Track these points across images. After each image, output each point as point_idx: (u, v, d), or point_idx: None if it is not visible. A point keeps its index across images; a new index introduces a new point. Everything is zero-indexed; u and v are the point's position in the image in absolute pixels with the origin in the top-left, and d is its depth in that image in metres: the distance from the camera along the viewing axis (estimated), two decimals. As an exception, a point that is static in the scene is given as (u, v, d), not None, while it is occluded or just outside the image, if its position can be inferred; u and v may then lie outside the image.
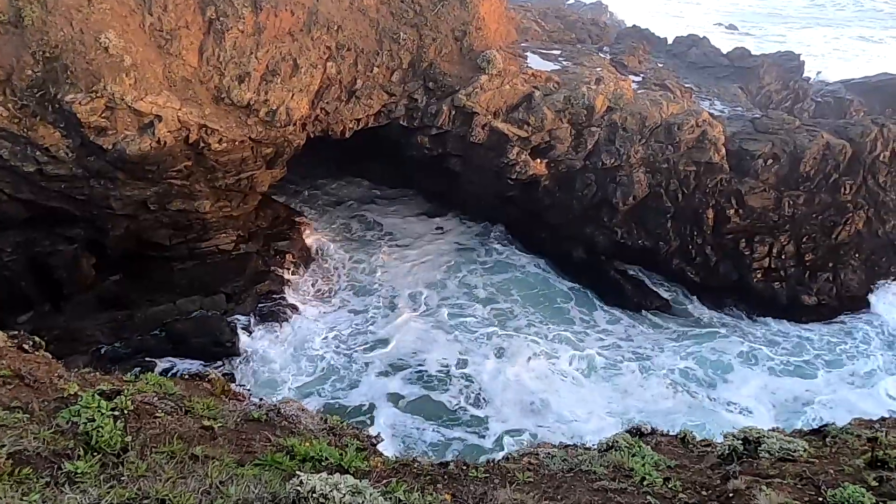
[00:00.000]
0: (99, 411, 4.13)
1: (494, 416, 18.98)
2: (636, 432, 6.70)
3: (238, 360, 20.37)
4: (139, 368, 18.86)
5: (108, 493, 2.83)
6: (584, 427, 18.37)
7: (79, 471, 3.12)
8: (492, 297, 24.14)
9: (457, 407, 19.31)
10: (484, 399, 19.52)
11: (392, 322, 22.52)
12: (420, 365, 20.83)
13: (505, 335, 22.08)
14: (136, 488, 2.95)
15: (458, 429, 18.50)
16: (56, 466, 3.18)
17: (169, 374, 18.92)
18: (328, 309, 23.12)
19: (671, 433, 6.91)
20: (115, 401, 4.67)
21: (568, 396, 19.76)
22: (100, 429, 3.65)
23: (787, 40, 58.38)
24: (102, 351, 19.45)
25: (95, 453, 3.43)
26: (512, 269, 25.80)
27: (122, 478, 3.14)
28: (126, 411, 4.58)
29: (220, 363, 20.21)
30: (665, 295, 25.07)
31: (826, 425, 6.00)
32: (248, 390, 8.77)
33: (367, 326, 22.43)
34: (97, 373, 5.87)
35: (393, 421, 18.48)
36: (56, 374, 5.30)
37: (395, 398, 19.59)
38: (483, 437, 18.29)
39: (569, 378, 20.60)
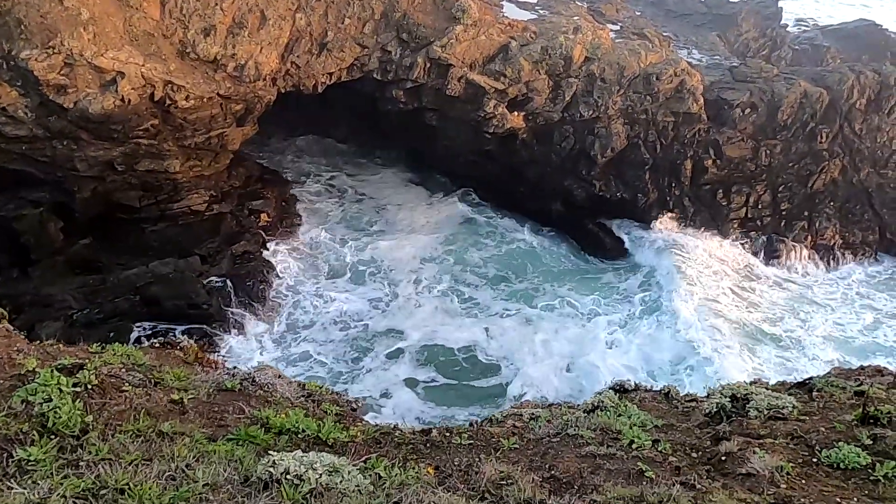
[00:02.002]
0: (58, 389, 3.88)
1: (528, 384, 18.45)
2: (620, 388, 6.63)
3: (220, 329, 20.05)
4: (113, 333, 18.62)
5: (62, 483, 2.61)
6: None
7: (32, 458, 2.89)
8: (497, 270, 23.57)
9: (486, 384, 18.79)
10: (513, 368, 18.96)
11: (395, 303, 21.66)
12: (437, 345, 19.95)
13: (519, 308, 21.56)
14: (93, 476, 2.73)
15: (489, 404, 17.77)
16: (6, 454, 2.94)
17: (145, 341, 18.84)
18: (315, 285, 22.52)
19: (654, 388, 6.87)
20: (77, 376, 4.42)
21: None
22: (57, 409, 3.41)
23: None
24: (75, 317, 19.00)
25: (52, 437, 3.20)
26: (508, 238, 25.47)
27: (80, 464, 2.91)
28: (89, 387, 4.33)
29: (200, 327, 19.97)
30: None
31: (810, 378, 5.97)
32: (224, 357, 8.55)
33: (361, 308, 21.56)
34: (60, 344, 5.59)
35: (412, 407, 17.61)
36: (14, 349, 5.02)
37: (412, 383, 18.67)
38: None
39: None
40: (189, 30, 20.68)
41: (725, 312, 21.10)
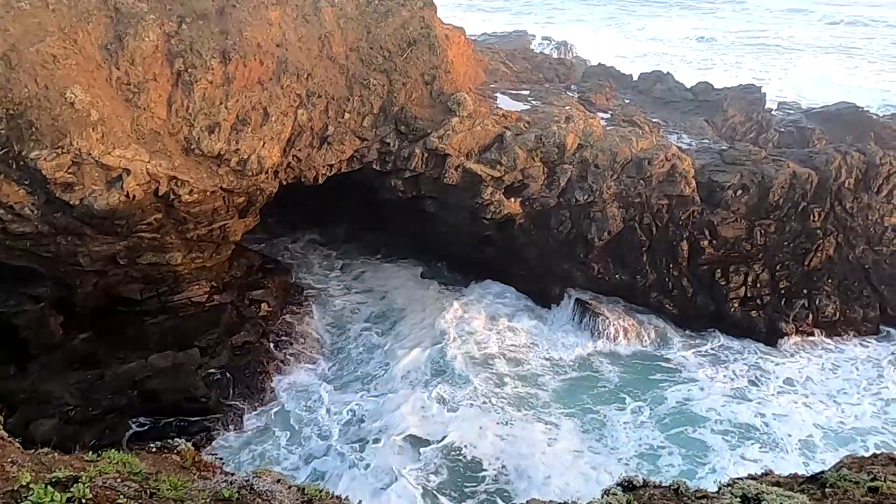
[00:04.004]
0: (52, 506, 3.80)
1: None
2: (628, 485, 6.46)
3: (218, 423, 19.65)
4: (109, 430, 18.26)
5: None
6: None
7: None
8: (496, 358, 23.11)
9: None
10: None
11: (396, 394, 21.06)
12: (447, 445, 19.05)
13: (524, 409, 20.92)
14: None
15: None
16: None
17: (139, 439, 18.41)
18: (317, 377, 22.22)
19: (664, 483, 6.68)
20: (71, 490, 4.33)
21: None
22: (51, 530, 3.32)
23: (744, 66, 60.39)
24: (71, 413, 18.68)
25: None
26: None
27: None
28: (84, 501, 4.24)
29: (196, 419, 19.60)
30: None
31: (822, 472, 5.83)
32: (221, 459, 8.35)
33: (363, 397, 21.13)
34: (55, 453, 5.49)
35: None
36: (9, 460, 4.93)
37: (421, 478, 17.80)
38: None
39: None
40: (194, 127, 21.39)
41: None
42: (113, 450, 5.98)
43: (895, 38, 76.37)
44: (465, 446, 18.85)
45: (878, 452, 7.68)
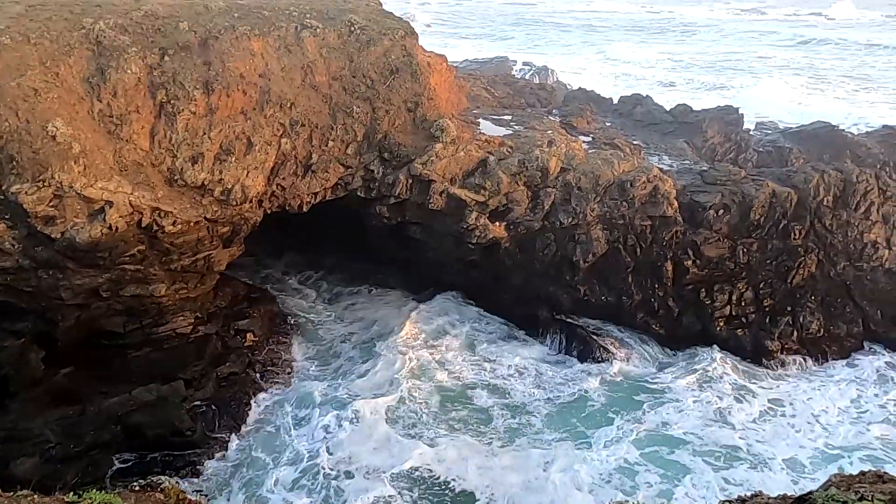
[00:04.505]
0: (32, 552, 3.72)
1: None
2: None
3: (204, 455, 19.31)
4: (91, 467, 17.90)
5: None
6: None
7: None
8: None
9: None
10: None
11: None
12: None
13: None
14: None
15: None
16: None
17: (123, 476, 18.05)
18: (296, 405, 21.85)
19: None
20: (52, 534, 4.25)
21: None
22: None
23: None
24: (52, 451, 18.28)
25: None
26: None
27: None
28: (65, 546, 4.16)
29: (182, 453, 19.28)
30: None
31: (811, 492, 5.84)
32: (206, 496, 8.21)
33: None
34: (35, 496, 5.39)
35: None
36: (-12, 505, 4.83)
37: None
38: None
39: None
40: (178, 158, 21.40)
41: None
42: (95, 489, 5.87)
43: (863, 58, 78.37)
44: (453, 479, 18.65)
45: (865, 470, 7.72)
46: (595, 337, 25.41)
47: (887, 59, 78.75)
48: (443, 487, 18.52)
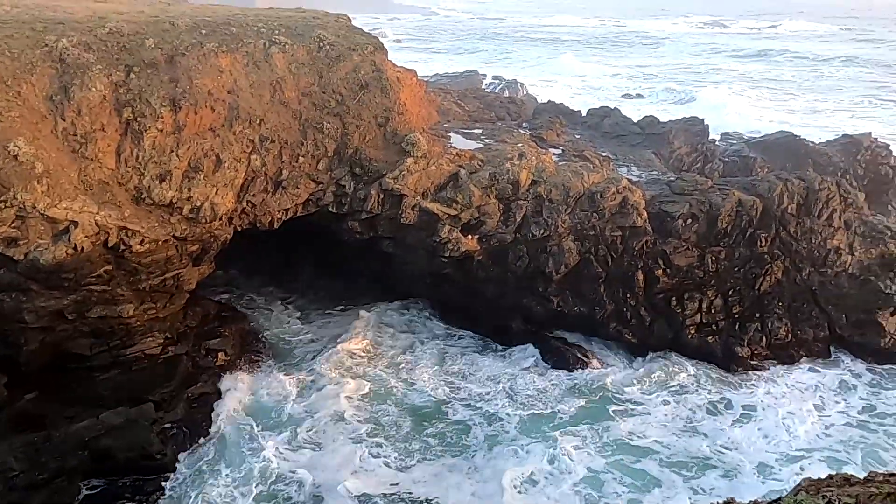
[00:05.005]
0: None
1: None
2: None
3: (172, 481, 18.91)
4: (57, 495, 17.39)
5: None
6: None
7: None
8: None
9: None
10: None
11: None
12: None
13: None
14: None
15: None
16: None
17: (93, 500, 17.58)
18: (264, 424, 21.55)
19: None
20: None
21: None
22: None
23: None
24: (16, 480, 17.71)
25: None
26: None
27: None
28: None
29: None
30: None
31: (780, 498, 5.93)
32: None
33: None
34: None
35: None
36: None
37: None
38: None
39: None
40: (144, 176, 21.09)
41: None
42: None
43: (819, 69, 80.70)
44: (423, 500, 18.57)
45: (833, 474, 7.85)
46: (567, 347, 25.62)
47: (844, 70, 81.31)
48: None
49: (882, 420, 22.56)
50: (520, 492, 18.68)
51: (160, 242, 21.24)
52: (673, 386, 23.90)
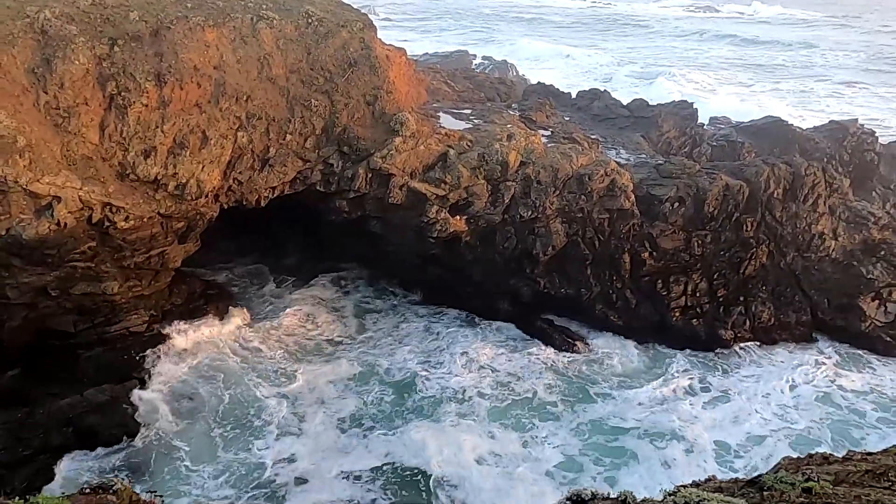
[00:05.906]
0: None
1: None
2: (577, 499, 6.51)
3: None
4: (41, 471, 17.35)
5: None
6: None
7: None
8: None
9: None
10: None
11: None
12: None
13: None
14: None
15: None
16: None
17: (76, 476, 17.53)
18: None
19: (612, 496, 6.77)
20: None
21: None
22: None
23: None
24: (-1, 456, 17.65)
25: None
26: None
27: None
28: (10, 552, 4.01)
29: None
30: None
31: (761, 475, 6.02)
32: (161, 497, 8.02)
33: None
34: (-21, 502, 5.18)
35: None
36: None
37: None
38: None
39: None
40: (129, 152, 20.81)
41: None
42: (43, 493, 5.66)
43: (807, 55, 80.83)
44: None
45: (812, 453, 7.99)
46: (553, 328, 25.76)
47: (831, 55, 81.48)
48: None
49: (853, 401, 23.06)
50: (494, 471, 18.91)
51: (145, 219, 21.03)
52: (656, 369, 24.12)
